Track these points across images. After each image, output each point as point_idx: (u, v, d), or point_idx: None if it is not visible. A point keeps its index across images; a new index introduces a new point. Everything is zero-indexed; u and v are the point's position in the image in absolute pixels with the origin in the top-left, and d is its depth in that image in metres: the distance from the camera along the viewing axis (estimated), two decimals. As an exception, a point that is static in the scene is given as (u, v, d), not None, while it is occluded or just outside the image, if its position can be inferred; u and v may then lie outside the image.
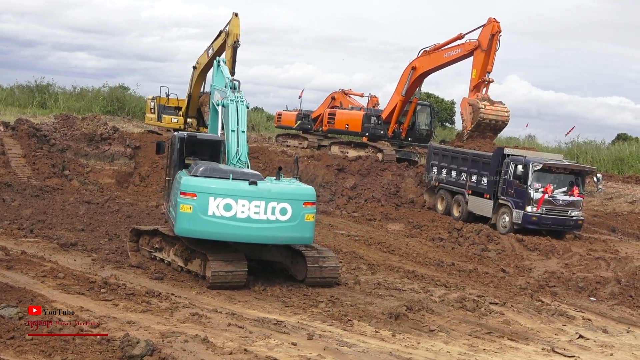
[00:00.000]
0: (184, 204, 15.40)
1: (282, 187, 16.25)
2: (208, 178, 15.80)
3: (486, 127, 32.70)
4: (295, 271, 17.45)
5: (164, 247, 18.04)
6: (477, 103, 32.01)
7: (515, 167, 27.17)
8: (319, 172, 36.06)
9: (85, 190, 29.25)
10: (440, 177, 32.12)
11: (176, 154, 17.66)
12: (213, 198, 15.37)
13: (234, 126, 17.37)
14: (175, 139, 17.69)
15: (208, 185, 15.56)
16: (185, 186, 15.56)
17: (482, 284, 19.77)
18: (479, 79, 32.75)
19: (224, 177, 15.83)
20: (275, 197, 15.76)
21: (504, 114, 32.86)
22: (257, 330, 12.88)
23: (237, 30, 35.66)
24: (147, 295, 14.58)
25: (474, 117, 32.22)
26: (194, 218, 15.37)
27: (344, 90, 49.20)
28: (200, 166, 16.21)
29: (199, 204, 15.36)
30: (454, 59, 35.08)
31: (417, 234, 27.38)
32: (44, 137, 33.34)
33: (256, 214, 15.54)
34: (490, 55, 32.39)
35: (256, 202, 15.53)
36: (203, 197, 15.37)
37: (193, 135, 17.79)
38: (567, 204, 26.68)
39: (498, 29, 32.28)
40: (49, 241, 19.49)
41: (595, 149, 53.61)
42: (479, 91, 32.66)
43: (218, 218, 15.37)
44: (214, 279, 15.76)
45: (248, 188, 15.62)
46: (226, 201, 15.38)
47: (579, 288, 20.50)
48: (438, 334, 14.04)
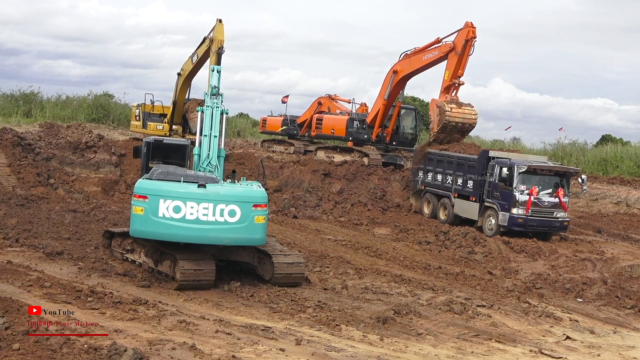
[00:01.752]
0: (137, 206, 15.94)
1: (230, 190, 16.61)
2: (161, 181, 16.25)
3: (453, 129, 32.93)
4: (262, 271, 17.86)
5: (135, 248, 18.46)
6: (443, 106, 32.23)
7: (501, 169, 27.27)
8: (305, 177, 36.08)
9: (70, 199, 29.11)
10: (426, 180, 32.18)
11: (143, 158, 17.88)
12: (163, 200, 15.80)
13: (207, 131, 18.14)
14: (142, 144, 17.88)
15: (158, 187, 16.02)
16: (137, 189, 16.07)
17: (469, 286, 19.81)
18: (450, 81, 32.97)
19: (176, 180, 16.27)
20: (224, 199, 16.15)
21: (471, 117, 33.08)
22: (245, 336, 12.88)
23: (221, 37, 35.65)
24: (134, 303, 14.54)
25: (440, 119, 32.50)
26: (146, 220, 15.87)
27: (330, 95, 49.11)
28: (158, 169, 16.73)
29: (149, 205, 15.82)
30: (432, 61, 35.24)
31: (404, 238, 27.42)
32: (28, 146, 33.19)
33: (205, 216, 16.00)
34: (463, 59, 32.57)
35: (205, 204, 15.99)
36: (154, 199, 15.82)
37: (159, 140, 18.14)
38: (552, 206, 26.79)
39: (473, 34, 32.41)
40: (35, 250, 19.40)
41: (580, 151, 53.88)
42: (449, 93, 32.91)
43: (168, 220, 15.83)
44: (183, 278, 16.14)
45: (197, 190, 16.07)
46: (175, 203, 15.82)
47: (565, 289, 20.57)
48: (426, 337, 14.07)
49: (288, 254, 17.98)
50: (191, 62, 38.71)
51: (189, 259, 16.37)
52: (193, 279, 16.28)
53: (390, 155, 41.11)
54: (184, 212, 15.83)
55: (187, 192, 15.97)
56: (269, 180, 34.04)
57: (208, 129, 18.21)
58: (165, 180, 16.28)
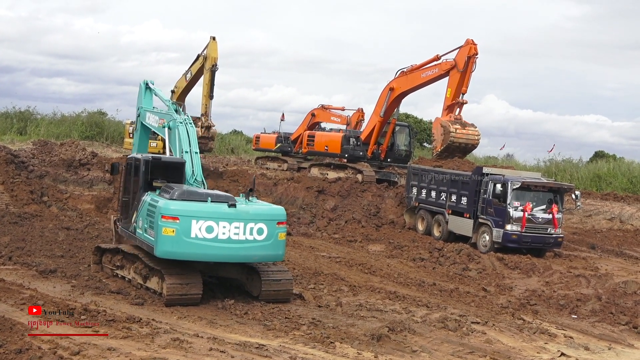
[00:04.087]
0: (167, 227, 15.77)
1: (258, 209, 16.95)
2: (187, 201, 16.20)
3: (455, 149, 33.03)
4: (250, 287, 17.89)
5: (124, 265, 18.51)
6: (448, 126, 32.32)
7: (494, 185, 27.30)
8: (299, 194, 36.09)
9: (64, 217, 29.02)
10: (420, 197, 32.19)
11: (141, 176, 17.73)
12: (195, 221, 15.83)
13: (186, 147, 18.30)
14: (141, 162, 17.80)
15: (190, 208, 16.00)
16: (166, 210, 15.89)
17: (463, 303, 19.78)
18: (453, 99, 33.03)
19: (201, 199, 16.32)
20: (253, 218, 16.46)
21: (474, 138, 33.24)
22: (239, 354, 12.82)
23: (214, 54, 35.82)
24: (127, 321, 14.48)
25: (444, 139, 32.61)
26: (178, 241, 15.81)
27: (324, 105, 49.13)
28: (177, 189, 16.57)
29: (181, 227, 15.77)
30: (431, 79, 35.33)
31: (398, 255, 27.39)
32: (22, 164, 33.13)
33: (236, 235, 16.20)
34: (466, 76, 32.68)
35: (236, 224, 16.20)
36: (185, 220, 15.79)
37: (157, 158, 18.05)
38: (546, 222, 26.81)
39: (475, 51, 32.57)
40: (28, 268, 19.31)
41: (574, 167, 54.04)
42: (452, 112, 32.94)
43: (201, 240, 15.89)
44: (170, 292, 16.19)
45: (228, 210, 16.18)
46: (208, 223, 15.89)
47: (560, 306, 20.55)
48: (420, 355, 14.03)
49: (276, 270, 17.98)
50: (185, 80, 38.83)
51: (176, 275, 16.42)
52: (181, 293, 16.31)
53: (384, 172, 41.17)
54: (216, 232, 15.98)
55: (220, 212, 16.14)
56: (263, 197, 34.00)
57: (187, 145, 18.37)
58: (191, 201, 16.29)
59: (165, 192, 16.92)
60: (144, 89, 21.77)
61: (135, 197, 18.18)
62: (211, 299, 17.15)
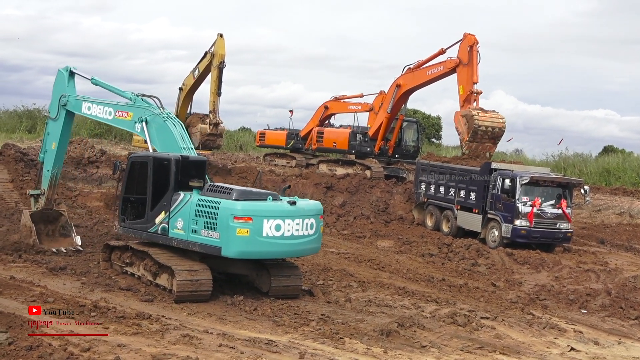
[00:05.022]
0: (241, 228, 16.05)
1: (309, 205, 17.72)
2: (252, 201, 16.61)
3: (483, 135, 32.21)
4: (260, 283, 17.95)
5: (134, 262, 18.51)
6: (469, 112, 31.80)
7: (503, 181, 27.23)
8: (308, 190, 36.04)
9: (73, 214, 29.06)
10: (428, 192, 32.15)
11: (172, 176, 17.46)
12: (266, 220, 16.28)
13: (181, 144, 18.18)
14: (171, 161, 17.46)
15: (261, 208, 16.47)
16: (240, 211, 16.12)
17: (472, 298, 19.77)
18: (467, 92, 32.72)
19: (261, 198, 16.90)
20: (308, 214, 17.22)
21: (499, 121, 32.55)
22: (248, 350, 12.85)
23: (222, 51, 35.80)
24: (137, 317, 14.52)
25: (469, 126, 31.81)
26: (252, 240, 16.16)
27: (337, 97, 47.90)
28: (235, 189, 16.83)
29: (254, 226, 16.13)
30: (437, 77, 35.22)
31: (407, 250, 27.37)
32: (31, 162, 33.19)
33: (297, 231, 16.86)
34: (473, 67, 32.48)
35: (297, 220, 16.86)
36: (258, 220, 16.19)
37: (186, 157, 17.85)
38: (555, 217, 26.75)
39: (475, 40, 32.43)
40: (38, 265, 19.38)
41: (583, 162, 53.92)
42: (470, 103, 32.54)
43: (271, 238, 16.37)
44: (180, 289, 16.25)
45: (290, 208, 16.84)
46: (276, 222, 16.41)
47: (569, 300, 20.52)
48: (430, 350, 14.03)
49: (285, 266, 18.03)
50: (192, 77, 38.83)
51: (186, 271, 16.48)
52: (191, 290, 16.37)
53: (393, 167, 41.17)
54: (283, 229, 16.50)
55: (284, 210, 16.71)
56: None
57: (181, 142, 18.22)
58: (253, 200, 16.66)
59: (216, 191, 16.87)
60: (66, 76, 21.29)
61: (159, 197, 17.74)
62: (220, 295, 17.18)
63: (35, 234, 21.34)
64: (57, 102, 21.28)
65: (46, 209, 22.16)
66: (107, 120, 20.34)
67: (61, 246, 21.68)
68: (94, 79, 20.93)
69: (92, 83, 20.95)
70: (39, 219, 21.94)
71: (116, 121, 20.16)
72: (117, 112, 19.87)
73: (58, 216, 22.65)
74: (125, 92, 20.05)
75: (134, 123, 19.27)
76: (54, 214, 22.51)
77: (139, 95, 19.52)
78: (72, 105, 21.10)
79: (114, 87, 20.80)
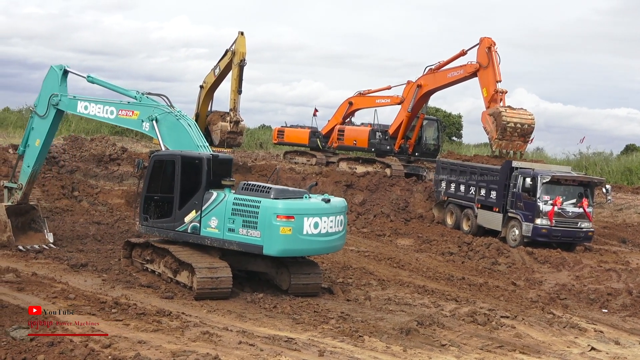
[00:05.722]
0: (284, 227, 16.25)
1: (339, 202, 17.94)
2: (290, 200, 16.79)
3: (513, 132, 31.60)
4: (280, 281, 18.00)
5: (154, 259, 18.59)
6: (497, 109, 31.37)
7: (524, 179, 27.14)
8: (328, 188, 36.02)
9: (94, 211, 29.27)
10: (449, 191, 32.07)
11: (204, 174, 17.47)
12: (307, 218, 16.53)
13: (197, 142, 18.18)
14: (203, 160, 17.46)
15: (302, 207, 16.69)
16: (282, 210, 16.31)
17: (492, 297, 19.72)
18: (491, 93, 32.36)
19: (297, 197, 17.07)
20: (339, 212, 17.56)
21: (527, 117, 31.97)
22: (268, 347, 12.88)
23: (243, 49, 35.85)
24: (157, 314, 14.60)
25: (497, 123, 31.31)
26: (294, 238, 16.41)
27: (361, 92, 46.60)
28: (273, 188, 16.93)
29: (296, 225, 16.34)
30: (457, 80, 35.10)
31: (427, 249, 27.33)
32: (53, 159, 33.42)
33: (331, 228, 17.16)
34: (494, 68, 32.27)
35: (331, 218, 17.16)
36: (299, 218, 16.44)
37: (216, 156, 17.90)
38: (576, 216, 26.61)
39: (492, 42, 32.27)
40: (60, 262, 19.52)
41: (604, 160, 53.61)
42: (497, 102, 32.19)
43: (310, 236, 16.67)
44: (201, 286, 16.34)
45: (325, 206, 17.09)
46: (315, 220, 16.70)
47: (590, 300, 20.42)
48: (449, 349, 14.01)
49: (305, 264, 18.05)
50: (213, 75, 38.92)
51: (206, 268, 16.58)
52: (211, 287, 16.45)
53: (413, 166, 41.09)
54: (320, 227, 16.79)
55: (321, 208, 16.98)
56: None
57: (197, 140, 18.22)
58: (291, 199, 16.84)
59: (253, 190, 16.94)
60: (59, 74, 20.88)
61: (187, 196, 17.67)
62: (240, 292, 17.25)
63: (11, 230, 21.03)
64: (47, 100, 20.86)
65: (20, 203, 21.93)
66: (108, 119, 20.09)
67: (33, 243, 21.45)
68: (90, 76, 20.64)
69: (88, 81, 20.64)
70: (12, 212, 21.51)
71: (120, 120, 19.89)
72: (121, 111, 19.63)
73: (29, 209, 22.38)
74: (129, 91, 19.85)
75: (140, 122, 19.15)
76: (26, 207, 22.23)
77: (144, 94, 19.39)
78: (65, 104, 20.78)
79: (114, 85, 20.61)
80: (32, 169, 21.52)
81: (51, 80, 21.12)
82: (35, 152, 21.39)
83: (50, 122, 21.05)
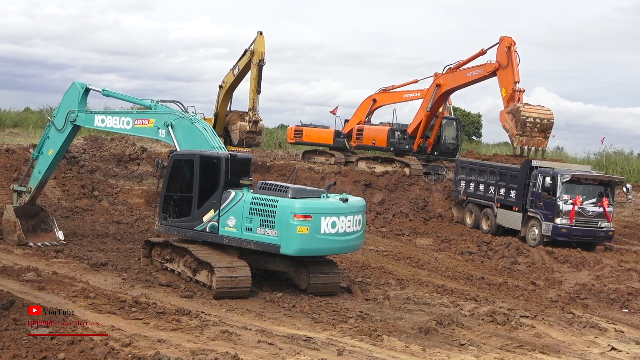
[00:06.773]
0: (302, 226, 16.25)
1: (357, 201, 17.92)
2: (308, 199, 16.78)
3: (533, 128, 31.35)
4: (299, 280, 18.04)
5: (174, 258, 18.68)
6: (514, 106, 31.14)
7: (544, 179, 27.01)
8: (347, 188, 36.00)
9: (114, 211, 29.46)
10: (468, 190, 31.98)
11: (222, 174, 17.54)
12: (324, 218, 16.49)
13: (214, 144, 18.33)
14: (221, 160, 17.54)
15: (320, 206, 16.69)
16: (300, 209, 16.31)
17: (512, 297, 19.66)
18: (509, 93, 32.20)
19: (315, 196, 17.05)
20: (358, 211, 17.49)
21: (546, 113, 31.71)
22: (286, 346, 12.90)
23: (262, 49, 35.89)
24: (177, 313, 14.66)
25: (516, 120, 31.04)
26: (311, 238, 16.40)
27: (385, 88, 45.80)
28: (291, 187, 16.93)
29: (313, 224, 16.33)
30: (476, 79, 34.88)
31: (446, 248, 27.29)
32: (73, 159, 33.68)
33: (349, 227, 17.10)
34: (513, 68, 32.08)
35: (349, 217, 17.08)
36: (317, 217, 16.42)
37: (234, 155, 17.97)
38: (596, 215, 26.46)
39: (512, 42, 32.08)
40: (80, 261, 19.65)
41: (625, 159, 53.16)
42: (515, 101, 32.00)
43: (327, 235, 16.62)
44: (220, 286, 16.42)
45: (343, 205, 17.04)
46: (332, 219, 16.63)
47: (610, 300, 20.32)
48: (468, 348, 13.98)
49: (324, 263, 18.07)
50: (232, 75, 38.94)
51: (225, 267, 16.64)
52: (230, 287, 16.51)
53: (432, 165, 40.98)
54: (338, 226, 16.73)
55: (339, 208, 16.93)
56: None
57: (214, 142, 18.38)
58: (308, 198, 16.85)
59: (271, 189, 16.97)
60: (81, 92, 21.08)
61: (206, 195, 17.73)
62: (259, 292, 17.30)
63: (20, 229, 21.42)
64: (65, 115, 21.20)
65: (28, 204, 22.30)
66: (125, 130, 20.41)
67: (44, 241, 21.84)
68: (105, 90, 20.98)
69: (103, 94, 21.02)
70: (21, 215, 21.91)
71: (136, 130, 20.18)
72: (137, 120, 19.90)
73: (39, 211, 22.76)
74: (144, 100, 20.14)
75: (157, 129, 19.35)
76: (35, 209, 22.62)
77: (158, 102, 19.66)
78: (83, 120, 21.11)
79: (128, 96, 20.93)
80: (43, 176, 21.98)
81: (72, 96, 21.35)
82: (48, 160, 21.82)
83: (65, 136, 21.51)
